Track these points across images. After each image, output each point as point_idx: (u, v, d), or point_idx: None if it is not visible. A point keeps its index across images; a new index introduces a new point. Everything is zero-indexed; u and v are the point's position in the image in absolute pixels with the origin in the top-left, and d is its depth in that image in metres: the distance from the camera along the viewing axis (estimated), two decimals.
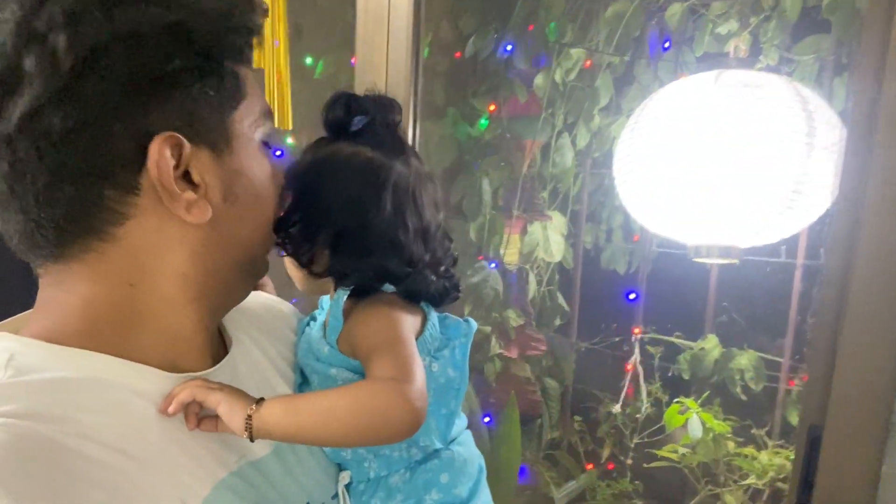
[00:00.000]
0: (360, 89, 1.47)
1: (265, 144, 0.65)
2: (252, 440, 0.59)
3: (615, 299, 2.13)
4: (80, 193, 0.53)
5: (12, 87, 0.50)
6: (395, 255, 0.72)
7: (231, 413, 0.58)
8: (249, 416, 0.58)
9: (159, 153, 0.53)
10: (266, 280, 1.02)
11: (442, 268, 0.78)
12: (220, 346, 0.69)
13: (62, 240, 0.55)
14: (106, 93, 0.51)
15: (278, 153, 0.73)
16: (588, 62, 1.67)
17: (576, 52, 1.67)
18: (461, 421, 0.80)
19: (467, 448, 0.78)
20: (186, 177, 0.56)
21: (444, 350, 0.76)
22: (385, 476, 0.73)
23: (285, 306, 0.88)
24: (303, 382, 0.77)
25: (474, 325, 0.81)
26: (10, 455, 0.47)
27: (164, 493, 0.54)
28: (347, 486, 0.74)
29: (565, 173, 1.75)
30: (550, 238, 1.77)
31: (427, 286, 0.75)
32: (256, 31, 0.61)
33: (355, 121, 0.75)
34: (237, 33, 0.59)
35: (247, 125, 0.61)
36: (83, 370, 0.55)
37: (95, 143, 0.52)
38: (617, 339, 2.04)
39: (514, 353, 1.84)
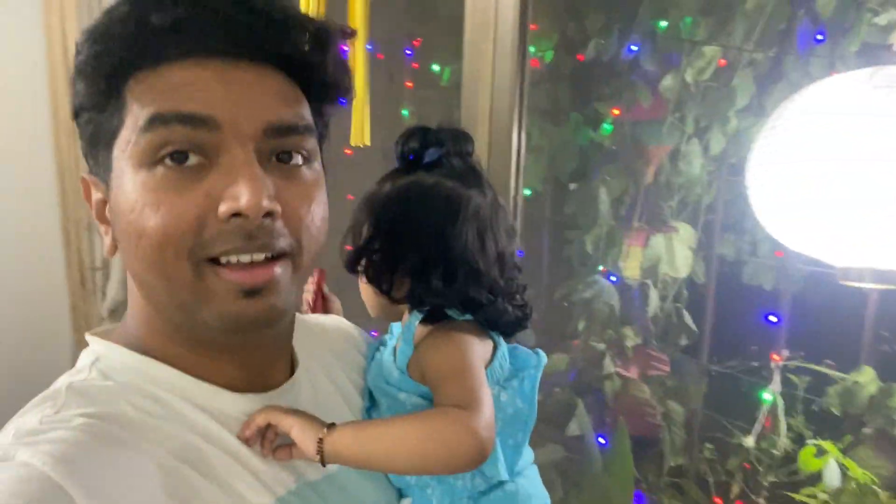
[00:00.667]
0: (466, 96, 1.45)
1: (166, 158, 0.52)
2: (324, 464, 0.60)
3: (755, 319, 1.93)
4: None
5: None
6: (477, 282, 0.72)
7: (304, 437, 0.60)
8: (321, 441, 0.60)
9: (84, 192, 0.60)
10: (334, 302, 1.04)
11: (517, 297, 0.77)
12: (287, 368, 0.69)
13: None
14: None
15: None
16: (722, 61, 1.52)
17: (709, 51, 1.53)
18: (528, 454, 0.78)
19: (532, 482, 0.76)
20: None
21: (513, 380, 0.75)
22: None
23: (355, 330, 0.88)
24: (371, 406, 0.78)
25: (544, 357, 0.80)
26: (91, 454, 0.50)
27: (217, 501, 0.55)
28: None
29: (694, 182, 1.61)
30: (676, 251, 1.64)
31: (502, 316, 0.74)
32: (145, 31, 0.52)
33: (429, 152, 0.76)
34: (108, 49, 0.53)
35: (122, 151, 0.54)
36: (156, 380, 0.59)
37: None
38: (755, 363, 1.84)
39: (633, 373, 1.72)
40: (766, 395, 1.70)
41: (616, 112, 1.72)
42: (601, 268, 1.73)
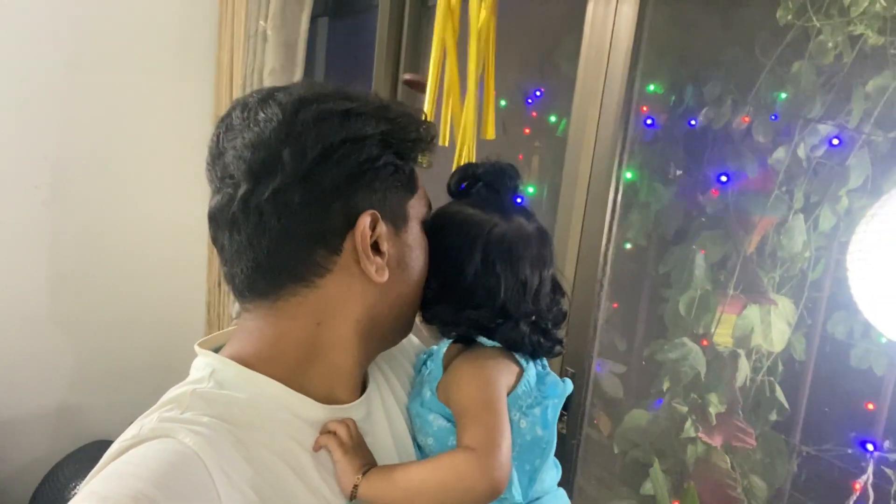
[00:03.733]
0: (572, 143, 1.53)
1: (422, 224, 0.80)
2: (351, 500, 0.70)
3: (859, 404, 1.84)
4: (300, 250, 0.69)
5: (270, 170, 0.66)
6: (486, 306, 0.78)
7: (343, 477, 0.70)
8: (356, 486, 0.70)
9: (363, 226, 0.69)
10: None
11: (543, 323, 0.82)
12: (360, 380, 0.82)
13: (277, 283, 0.71)
14: (334, 179, 0.67)
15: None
16: (835, 140, 1.51)
17: (823, 128, 1.52)
18: (552, 478, 0.81)
19: None
20: (375, 245, 0.71)
21: (536, 408, 0.78)
22: None
23: (410, 340, 0.99)
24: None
25: (570, 386, 0.83)
26: (216, 447, 0.63)
27: (308, 501, 0.67)
28: None
29: (796, 257, 1.59)
30: (773, 324, 1.61)
31: (521, 338, 0.79)
32: (432, 142, 0.78)
33: (459, 184, 0.86)
34: (420, 143, 0.75)
35: (416, 210, 0.77)
36: (263, 392, 0.71)
37: (319, 215, 0.68)
38: (850, 450, 1.75)
39: (716, 442, 1.70)
40: (856, 485, 1.62)
41: (724, 179, 1.74)
42: (692, 331, 1.74)
